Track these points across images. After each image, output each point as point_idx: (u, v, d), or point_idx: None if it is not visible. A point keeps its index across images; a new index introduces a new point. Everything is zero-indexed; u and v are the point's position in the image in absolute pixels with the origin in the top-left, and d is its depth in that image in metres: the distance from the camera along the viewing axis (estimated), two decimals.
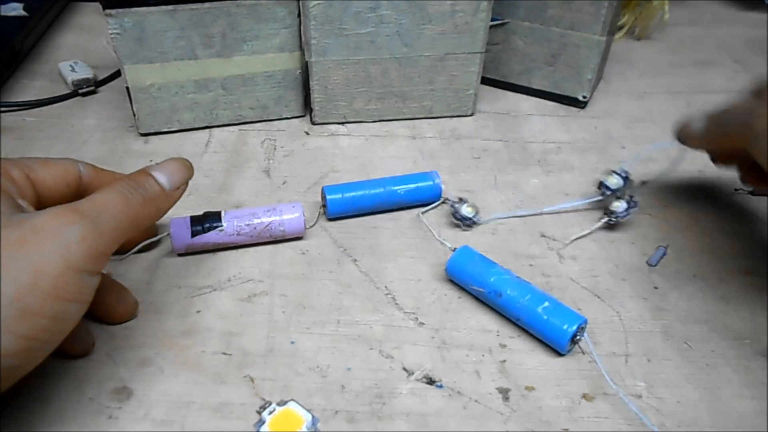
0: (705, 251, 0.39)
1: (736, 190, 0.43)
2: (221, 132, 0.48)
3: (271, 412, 0.29)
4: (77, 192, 0.31)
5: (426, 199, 0.41)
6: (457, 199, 0.39)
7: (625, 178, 0.40)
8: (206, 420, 0.29)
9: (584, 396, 0.30)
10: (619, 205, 0.39)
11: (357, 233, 0.39)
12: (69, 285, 0.25)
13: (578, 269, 0.37)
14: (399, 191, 0.40)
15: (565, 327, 0.31)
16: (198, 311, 0.34)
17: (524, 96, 0.53)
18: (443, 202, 0.41)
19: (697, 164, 0.46)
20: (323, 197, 0.39)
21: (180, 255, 0.37)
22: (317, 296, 0.35)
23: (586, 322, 0.32)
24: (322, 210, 0.40)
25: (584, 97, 0.51)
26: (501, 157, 0.46)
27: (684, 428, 0.29)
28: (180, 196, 0.32)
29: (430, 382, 0.31)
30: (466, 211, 0.39)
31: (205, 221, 0.36)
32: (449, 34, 0.45)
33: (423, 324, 0.34)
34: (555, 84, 0.52)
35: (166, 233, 0.37)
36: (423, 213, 0.40)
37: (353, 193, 0.39)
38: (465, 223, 0.39)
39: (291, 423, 0.28)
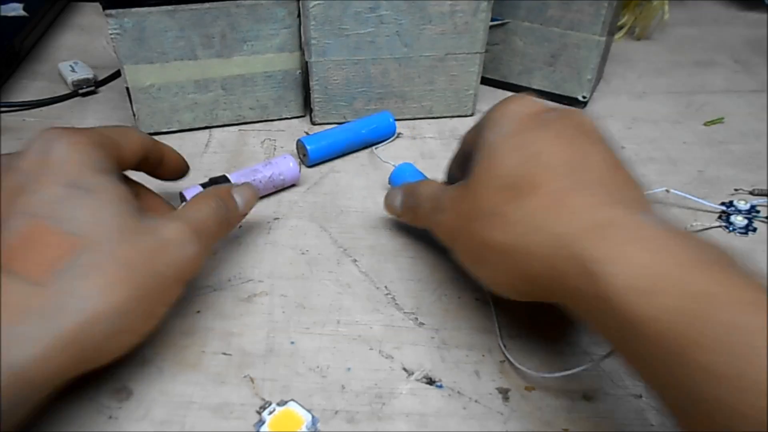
0: None
1: (736, 190, 0.43)
2: (221, 132, 0.48)
3: (271, 412, 0.29)
4: (144, 160, 0.34)
5: (384, 136, 0.47)
6: None
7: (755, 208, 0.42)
8: (206, 420, 0.29)
9: (584, 396, 0.30)
10: (741, 221, 0.40)
11: (357, 233, 0.39)
12: (175, 293, 0.29)
13: None
14: (363, 131, 0.46)
15: None
16: (198, 311, 0.34)
17: None
18: (397, 137, 0.48)
19: (697, 164, 0.46)
20: (300, 148, 0.45)
21: None
22: (317, 296, 0.35)
23: None
24: (302, 159, 0.45)
25: (584, 97, 0.51)
26: None
27: None
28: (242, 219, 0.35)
29: (430, 382, 0.31)
30: None
31: (216, 184, 0.39)
32: (449, 34, 0.46)
33: (423, 324, 0.34)
34: (555, 84, 0.52)
35: (182, 203, 0.37)
36: (376, 149, 0.46)
37: (327, 141, 0.45)
38: None
39: (291, 423, 0.28)
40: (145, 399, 0.29)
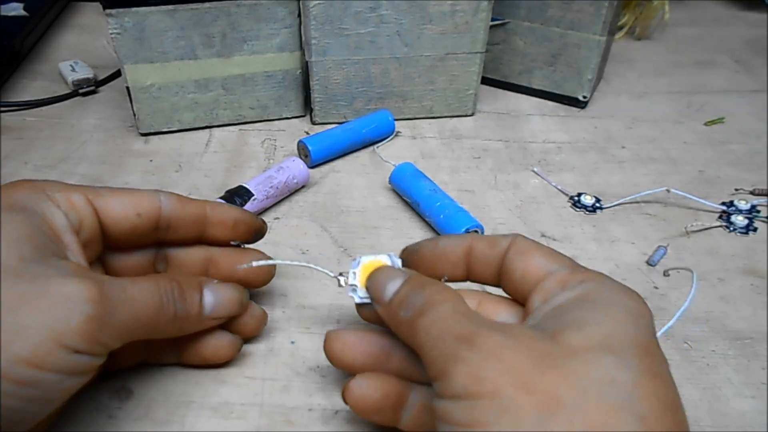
0: (705, 251, 0.39)
1: (736, 190, 0.43)
2: (221, 132, 0.48)
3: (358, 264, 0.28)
4: (155, 224, 0.29)
5: (384, 134, 0.47)
6: (576, 194, 0.42)
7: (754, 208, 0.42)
8: (206, 420, 0.29)
9: None
10: (741, 221, 0.40)
11: (357, 233, 0.39)
12: (51, 357, 0.22)
13: None
14: (363, 131, 0.46)
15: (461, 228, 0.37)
16: None
17: (524, 96, 0.53)
18: (396, 136, 0.48)
19: (698, 164, 0.46)
20: (302, 149, 0.44)
21: None
22: (317, 296, 0.35)
23: (480, 227, 0.37)
24: (304, 160, 0.43)
25: (584, 97, 0.51)
26: (501, 157, 0.46)
27: None
28: (210, 326, 0.29)
29: None
30: (585, 199, 0.42)
31: (239, 196, 0.39)
32: (449, 34, 0.46)
33: None
34: (555, 84, 0.52)
35: None
36: (377, 147, 0.46)
37: (329, 142, 0.45)
38: (587, 209, 0.41)
39: (375, 265, 0.28)
40: (145, 399, 0.29)
